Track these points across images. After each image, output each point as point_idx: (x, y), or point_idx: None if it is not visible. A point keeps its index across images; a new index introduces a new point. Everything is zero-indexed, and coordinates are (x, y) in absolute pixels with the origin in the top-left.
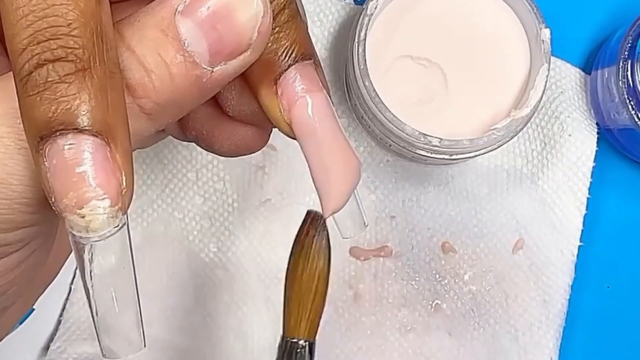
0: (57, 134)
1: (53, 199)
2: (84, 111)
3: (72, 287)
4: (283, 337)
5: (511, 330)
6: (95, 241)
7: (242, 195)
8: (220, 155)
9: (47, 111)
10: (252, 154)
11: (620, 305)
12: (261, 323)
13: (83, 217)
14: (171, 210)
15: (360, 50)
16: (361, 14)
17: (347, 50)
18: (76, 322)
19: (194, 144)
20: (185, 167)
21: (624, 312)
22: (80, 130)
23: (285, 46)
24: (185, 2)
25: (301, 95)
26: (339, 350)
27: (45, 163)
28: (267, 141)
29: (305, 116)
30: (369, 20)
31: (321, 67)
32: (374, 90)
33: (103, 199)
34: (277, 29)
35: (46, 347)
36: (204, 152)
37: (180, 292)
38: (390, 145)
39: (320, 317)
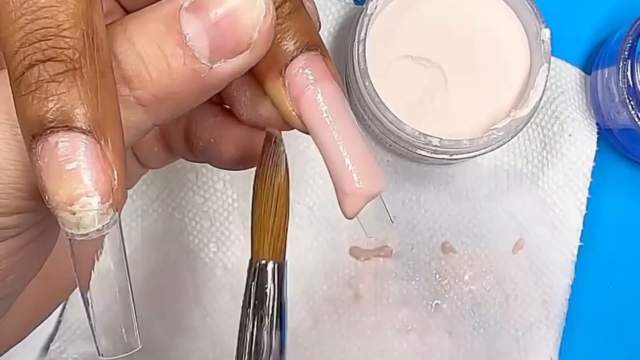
0: (48, 131)
1: (46, 197)
2: (73, 109)
3: None
4: (250, 262)
5: (511, 331)
6: (87, 239)
7: (242, 195)
8: (228, 166)
9: (39, 110)
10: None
11: (620, 305)
12: None
13: (74, 213)
14: (171, 210)
15: (360, 50)
16: (361, 14)
17: (347, 50)
18: (76, 322)
19: None
20: (185, 167)
21: (624, 312)
22: (70, 128)
23: (289, 37)
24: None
25: (309, 86)
26: (339, 351)
27: (38, 161)
28: None
29: (315, 108)
30: (369, 20)
31: (330, 59)
32: (374, 90)
33: (93, 195)
34: (280, 20)
35: (46, 347)
36: None
37: (180, 292)
38: (390, 145)
39: (284, 235)
